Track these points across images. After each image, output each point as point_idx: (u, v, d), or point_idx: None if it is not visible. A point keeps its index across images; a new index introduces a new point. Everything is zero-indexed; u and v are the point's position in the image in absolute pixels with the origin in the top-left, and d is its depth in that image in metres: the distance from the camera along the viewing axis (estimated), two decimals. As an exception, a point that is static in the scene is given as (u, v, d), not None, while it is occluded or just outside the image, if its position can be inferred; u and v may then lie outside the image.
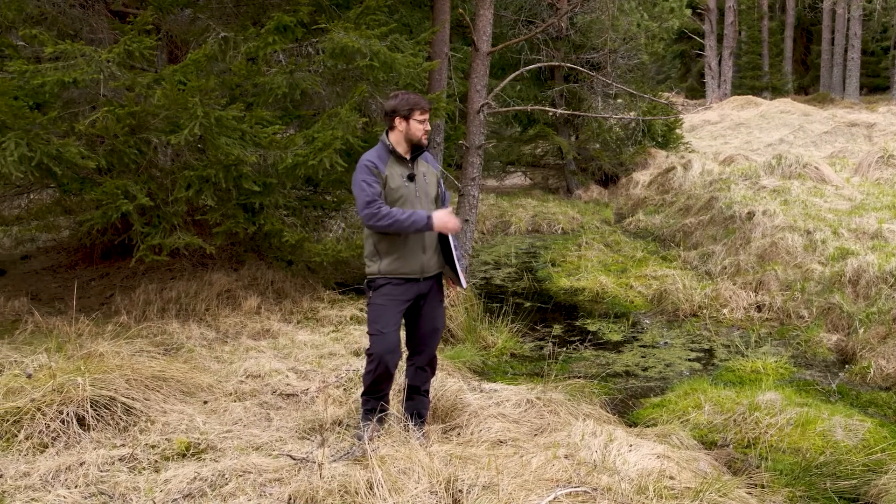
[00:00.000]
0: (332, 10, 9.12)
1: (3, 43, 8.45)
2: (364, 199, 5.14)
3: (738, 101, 37.20)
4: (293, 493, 4.39)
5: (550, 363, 7.89)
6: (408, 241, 5.25)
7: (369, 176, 5.18)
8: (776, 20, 50.78)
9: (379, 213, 5.09)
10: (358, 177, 5.19)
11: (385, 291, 5.28)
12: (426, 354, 5.48)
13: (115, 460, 4.97)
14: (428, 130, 5.30)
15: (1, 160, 7.13)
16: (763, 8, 48.79)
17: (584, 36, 20.81)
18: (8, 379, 6.05)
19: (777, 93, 43.43)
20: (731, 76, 44.54)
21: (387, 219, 5.10)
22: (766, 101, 36.58)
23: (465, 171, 10.78)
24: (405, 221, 5.10)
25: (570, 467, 4.84)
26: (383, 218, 5.10)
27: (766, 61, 47.18)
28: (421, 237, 5.26)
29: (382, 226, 5.12)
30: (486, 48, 10.59)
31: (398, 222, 5.10)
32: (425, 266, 5.31)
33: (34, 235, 12.47)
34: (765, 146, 26.66)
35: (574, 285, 12.18)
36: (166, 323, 8.28)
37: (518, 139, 23.71)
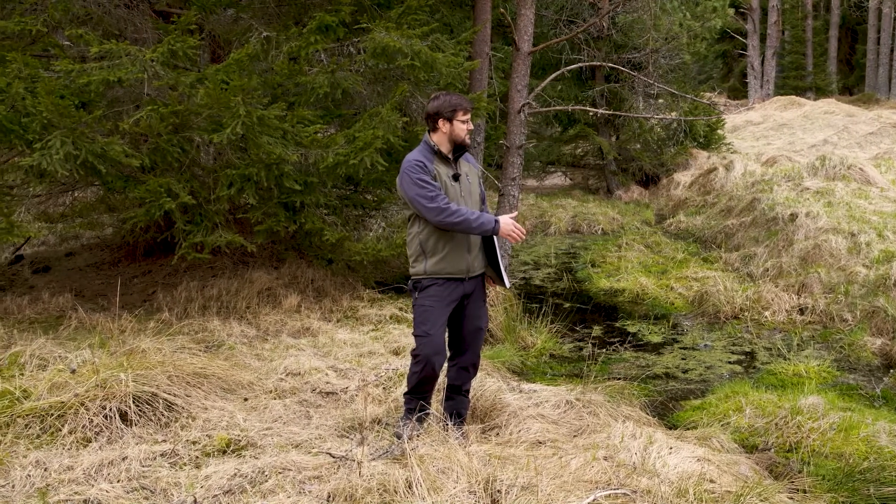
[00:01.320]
0: (373, 9, 9.14)
1: (50, 43, 8.56)
2: (428, 194, 5.09)
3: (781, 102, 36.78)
4: (332, 491, 4.41)
5: (590, 364, 7.86)
6: (454, 240, 5.24)
7: (425, 174, 5.14)
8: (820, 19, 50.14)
9: (448, 210, 5.06)
10: (412, 176, 5.13)
11: (431, 293, 5.26)
12: (470, 354, 5.47)
13: (157, 456, 5.01)
14: (471, 130, 5.31)
15: (47, 158, 7.22)
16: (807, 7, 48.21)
17: (626, 35, 20.69)
18: (52, 374, 6.14)
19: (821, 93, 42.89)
20: (774, 76, 44.09)
21: (456, 216, 5.06)
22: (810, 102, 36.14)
23: (506, 171, 10.76)
24: (474, 222, 5.09)
25: (609, 469, 4.81)
26: (453, 214, 5.06)
27: (810, 61, 46.61)
28: (466, 238, 5.25)
29: (451, 222, 5.07)
30: (528, 48, 10.57)
31: (467, 221, 5.08)
32: (470, 266, 5.30)
33: (78, 233, 12.65)
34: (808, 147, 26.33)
35: (614, 286, 12.13)
36: (207, 320, 8.34)
37: (558, 139, 23.61)
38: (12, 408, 5.57)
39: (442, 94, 5.32)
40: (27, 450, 5.11)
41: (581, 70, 21.73)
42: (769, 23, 43.69)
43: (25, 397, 5.75)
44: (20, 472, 4.78)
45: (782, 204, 13.92)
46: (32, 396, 5.74)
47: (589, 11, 20.19)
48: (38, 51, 8.92)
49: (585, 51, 19.91)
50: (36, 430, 5.36)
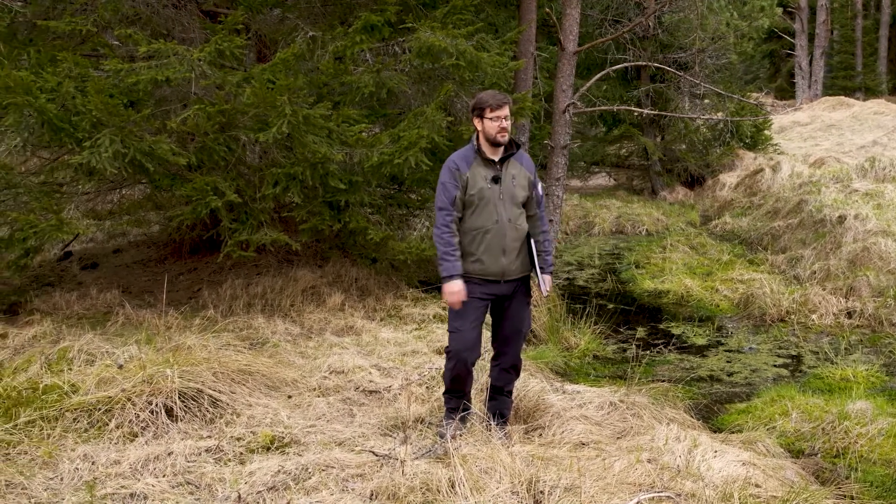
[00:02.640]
0: (418, 9, 9.16)
1: (99, 42, 8.66)
2: (438, 203, 5.27)
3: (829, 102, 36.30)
4: (375, 489, 4.42)
5: (634, 366, 7.81)
6: (486, 243, 5.24)
7: (450, 179, 5.24)
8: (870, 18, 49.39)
9: (441, 228, 5.24)
10: (441, 177, 5.27)
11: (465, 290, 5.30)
12: (510, 356, 5.46)
13: (202, 451, 5.06)
14: (504, 128, 5.19)
15: (96, 156, 7.32)
16: (857, 6, 47.54)
17: (672, 35, 20.56)
18: (100, 369, 6.21)
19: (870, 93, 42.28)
20: (822, 76, 43.52)
21: (438, 239, 5.25)
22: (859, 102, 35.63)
23: (550, 171, 10.73)
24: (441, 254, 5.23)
25: (653, 472, 4.78)
26: (440, 234, 5.24)
27: (860, 61, 45.93)
28: (500, 241, 5.23)
29: (435, 235, 5.27)
30: (573, 48, 10.53)
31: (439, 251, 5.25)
32: (506, 269, 5.28)
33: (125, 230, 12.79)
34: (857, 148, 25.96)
35: (658, 287, 12.04)
36: (252, 318, 8.40)
37: (603, 139, 23.49)
38: (61, 402, 5.65)
39: (479, 94, 5.35)
40: (75, 443, 5.18)
41: (626, 70, 21.60)
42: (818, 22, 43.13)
43: (74, 392, 5.83)
44: (68, 466, 4.86)
45: (830, 206, 13.74)
46: (80, 391, 5.83)
47: (634, 11, 20.07)
48: (88, 50, 9.04)
49: (631, 50, 19.79)
50: (84, 424, 5.44)
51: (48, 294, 9.65)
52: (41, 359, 7.01)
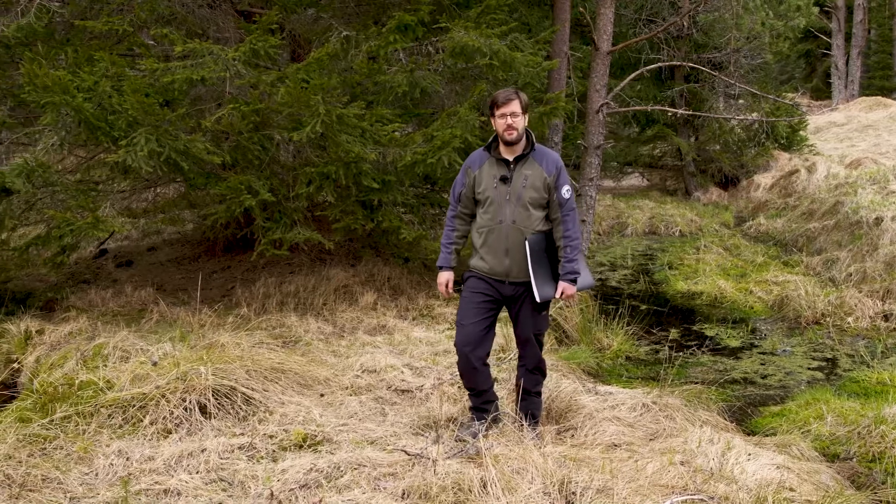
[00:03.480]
0: (452, 9, 9.15)
1: (136, 42, 8.73)
2: (451, 196, 5.53)
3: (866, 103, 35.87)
4: (407, 488, 4.42)
5: (666, 367, 7.77)
6: (488, 243, 5.25)
7: (461, 176, 5.39)
8: (909, 18, 48.85)
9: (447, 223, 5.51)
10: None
11: (469, 284, 5.35)
12: (529, 359, 5.43)
13: (235, 448, 5.09)
14: (510, 125, 5.08)
15: (132, 155, 7.38)
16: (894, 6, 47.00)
17: (707, 35, 20.42)
18: (135, 366, 6.27)
19: (908, 94, 41.78)
20: (859, 76, 43.03)
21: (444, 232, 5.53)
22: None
23: (584, 172, 10.70)
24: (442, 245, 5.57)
25: (686, 474, 4.75)
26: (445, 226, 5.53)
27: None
28: (503, 242, 5.20)
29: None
30: (607, 47, 10.49)
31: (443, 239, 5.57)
32: (510, 271, 5.23)
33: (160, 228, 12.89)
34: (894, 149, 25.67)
35: (691, 289, 11.96)
36: (285, 316, 8.44)
37: (636, 140, 23.37)
38: (96, 398, 5.70)
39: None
40: (110, 439, 5.23)
41: (660, 70, 21.49)
42: (855, 21, 42.65)
43: (109, 388, 5.89)
44: (103, 461, 4.90)
45: (867, 207, 13.59)
46: (115, 387, 5.88)
47: (669, 10, 19.95)
48: (124, 50, 9.12)
49: (665, 50, 19.68)
50: (118, 420, 5.48)
51: (84, 291, 9.75)
52: (77, 355, 7.10)
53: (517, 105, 5.09)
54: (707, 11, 19.62)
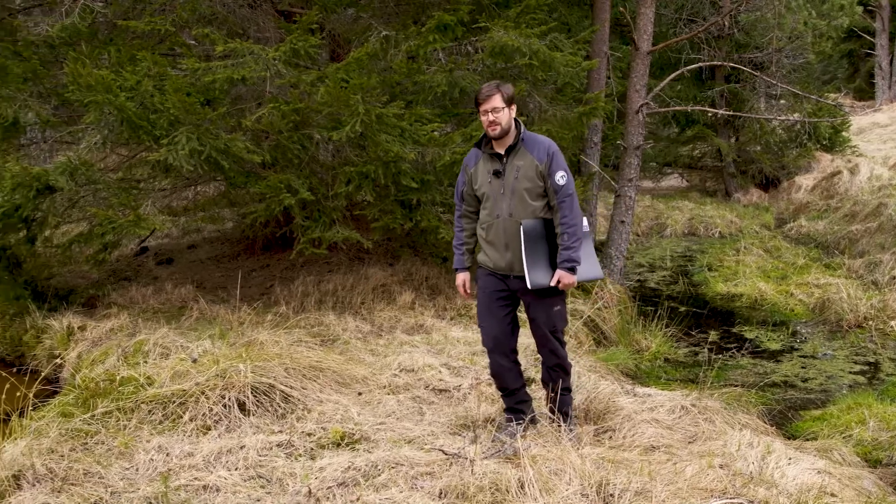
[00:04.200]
0: (492, 8, 9.13)
1: (177, 42, 8.80)
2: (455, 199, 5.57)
3: (910, 104, 35.43)
4: (444, 488, 4.42)
5: (706, 370, 7.72)
6: (486, 238, 5.26)
7: (461, 175, 5.46)
8: (955, 18, 48.08)
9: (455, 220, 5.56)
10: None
11: (481, 283, 5.40)
12: (546, 356, 5.40)
13: (273, 446, 5.11)
14: (492, 121, 5.04)
15: (173, 154, 7.44)
16: (941, 5, 46.31)
17: (748, 34, 20.23)
18: (175, 363, 6.33)
19: (953, 95, 41.12)
20: (903, 77, 42.45)
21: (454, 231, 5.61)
22: (942, 104, 34.70)
23: (623, 172, 10.64)
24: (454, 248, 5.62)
25: (725, 478, 4.70)
26: (454, 228, 5.60)
27: (943, 62, 44.71)
28: (501, 237, 5.17)
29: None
30: (647, 47, 10.43)
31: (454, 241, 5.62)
32: (512, 265, 5.19)
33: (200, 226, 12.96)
34: (939, 151, 25.31)
35: (731, 291, 11.87)
36: (323, 315, 8.47)
37: (675, 140, 23.21)
38: (137, 394, 5.76)
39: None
40: (150, 435, 5.28)
41: (700, 70, 21.32)
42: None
43: (149, 384, 5.95)
44: (143, 457, 4.95)
45: (911, 209, 13.42)
46: (156, 384, 5.94)
47: (710, 10, 19.78)
48: (165, 49, 9.20)
49: (706, 50, 19.54)
50: (158, 416, 5.53)
51: (125, 288, 9.86)
52: (118, 351, 7.18)
53: (498, 100, 5.03)
54: (749, 11, 19.44)
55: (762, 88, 21.02)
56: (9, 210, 8.15)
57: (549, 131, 8.94)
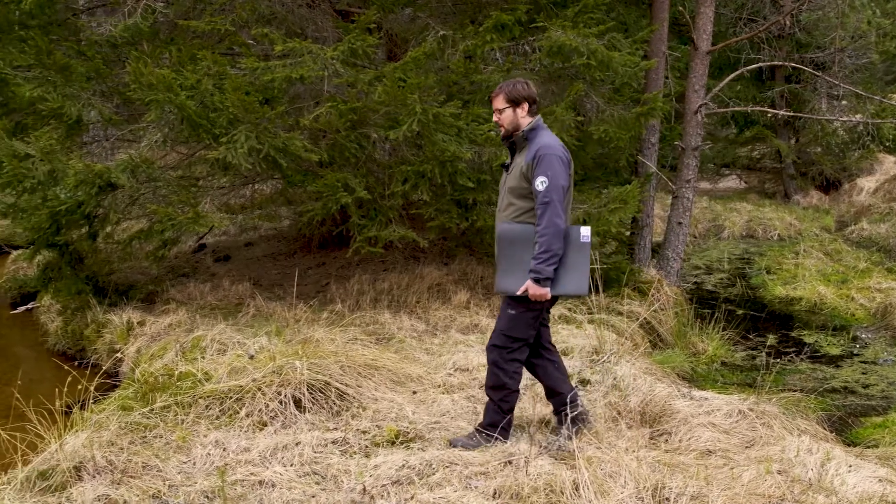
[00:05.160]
0: (549, 8, 9.09)
1: (237, 41, 8.89)
2: None
3: (977, 105, 34.63)
4: (498, 488, 4.42)
5: (763, 374, 7.62)
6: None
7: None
8: None
9: None
10: None
11: None
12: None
13: (328, 443, 5.14)
14: (497, 121, 5.11)
15: (232, 152, 7.52)
16: None
17: (810, 34, 19.95)
18: (232, 359, 6.40)
19: None
20: (970, 77, 41.55)
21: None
22: None
23: (680, 173, 10.55)
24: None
25: (783, 484, 4.64)
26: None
27: None
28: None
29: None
30: (706, 47, 10.32)
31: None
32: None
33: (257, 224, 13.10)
34: None
35: (790, 294, 11.70)
36: (378, 313, 8.50)
37: (734, 141, 22.97)
38: (194, 389, 5.83)
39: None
40: (207, 430, 5.34)
41: (760, 70, 21.08)
42: (966, 21, 41.18)
43: (206, 379, 6.02)
44: (201, 451, 5.01)
45: (977, 213, 13.12)
46: (213, 379, 6.01)
47: (770, 9, 19.54)
48: (225, 49, 9.29)
49: (766, 50, 19.30)
50: (216, 411, 5.60)
51: (183, 284, 9.98)
52: (176, 347, 7.27)
53: (501, 100, 5.05)
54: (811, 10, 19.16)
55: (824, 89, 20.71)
56: (72, 206, 8.29)
57: (607, 131, 8.90)
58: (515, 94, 5.03)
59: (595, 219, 8.90)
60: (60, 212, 8.36)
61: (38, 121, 8.91)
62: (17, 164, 8.07)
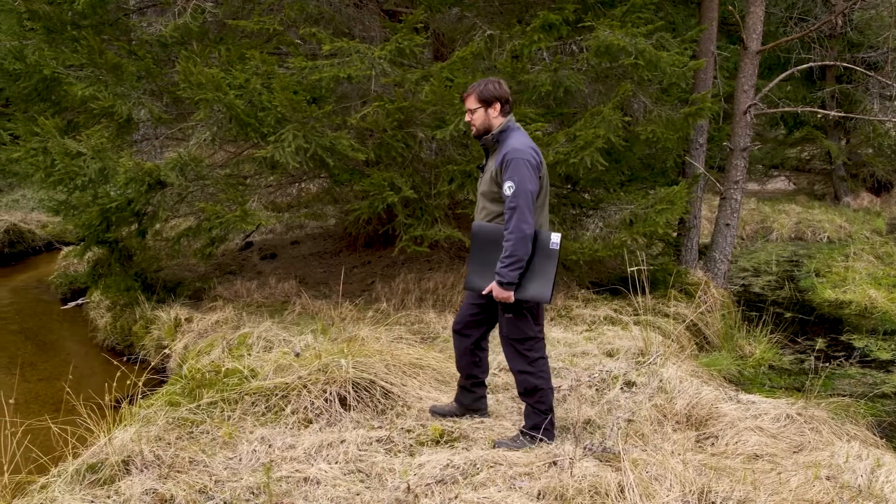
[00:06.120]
0: (597, 7, 9.04)
1: (285, 41, 8.95)
2: None
3: None
4: (543, 489, 4.40)
5: (812, 378, 7.52)
6: None
7: None
8: None
9: None
10: None
11: None
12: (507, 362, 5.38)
13: (373, 441, 5.16)
14: (469, 121, 5.09)
15: (279, 151, 7.57)
16: None
17: (862, 33, 19.68)
18: (278, 356, 6.44)
19: None
20: None
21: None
22: None
23: (728, 174, 10.45)
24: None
25: (832, 490, 4.57)
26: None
27: None
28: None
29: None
30: (756, 47, 10.22)
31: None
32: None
33: (303, 222, 13.21)
34: None
35: (840, 297, 11.54)
36: (423, 312, 8.51)
37: (783, 142, 22.72)
38: (241, 385, 5.89)
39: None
40: (253, 426, 5.39)
41: (811, 70, 20.81)
42: None
43: (253, 376, 6.07)
44: (247, 447, 5.05)
45: None
46: (259, 376, 6.05)
47: (822, 8, 19.30)
48: (273, 48, 9.36)
49: (816, 49, 19.06)
50: (261, 408, 5.64)
51: (230, 282, 10.07)
52: (223, 343, 7.34)
53: (472, 100, 5.03)
54: (863, 9, 18.90)
55: (876, 89, 20.39)
56: (122, 204, 8.40)
57: (654, 132, 8.83)
58: (487, 93, 4.99)
59: (642, 220, 8.85)
60: (111, 209, 8.47)
61: (90, 119, 9.06)
62: (69, 162, 8.19)
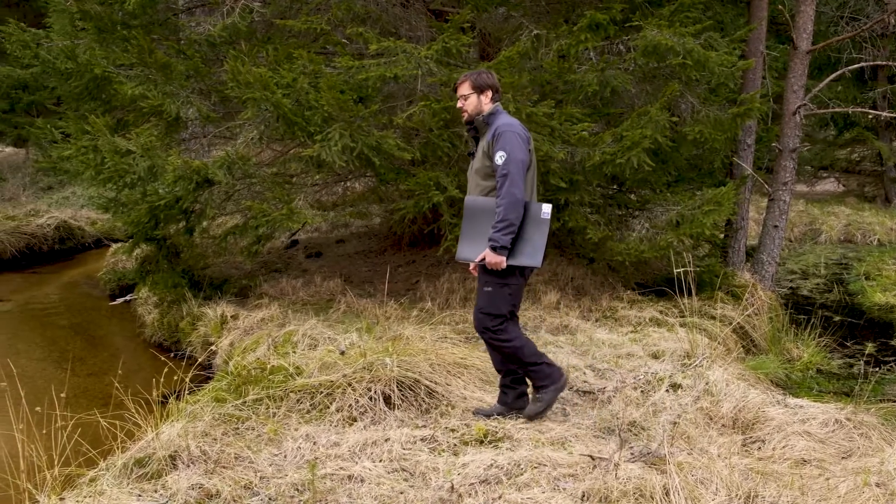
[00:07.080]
0: (645, 7, 8.99)
1: (332, 40, 8.99)
2: None
3: None
4: (587, 490, 4.37)
5: (862, 383, 7.41)
6: None
7: None
8: None
9: None
10: None
11: None
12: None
13: (417, 440, 5.15)
14: (460, 107, 5.39)
15: (326, 150, 7.61)
16: None
17: (915, 33, 19.38)
18: (323, 354, 6.47)
19: None
20: None
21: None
22: None
23: (777, 175, 10.33)
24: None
25: (881, 497, 4.50)
26: None
27: None
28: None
29: None
30: (806, 46, 10.09)
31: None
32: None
33: (348, 221, 13.27)
34: None
35: (890, 301, 11.38)
36: (468, 312, 8.49)
37: (832, 143, 22.45)
38: (286, 383, 5.92)
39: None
40: (298, 423, 5.41)
41: (862, 70, 20.54)
42: None
43: (298, 374, 6.10)
44: (291, 444, 5.07)
45: None
46: (304, 374, 6.09)
47: (874, 7, 19.02)
48: (320, 48, 9.40)
49: (868, 49, 18.79)
50: (306, 405, 5.67)
51: (276, 280, 10.14)
52: (268, 341, 7.39)
53: (466, 87, 5.33)
54: (916, 9, 18.62)
55: (928, 90, 20.11)
56: (170, 201, 8.49)
57: (702, 132, 8.76)
58: (481, 81, 5.33)
59: (688, 221, 8.77)
60: (159, 207, 8.57)
61: (139, 118, 9.16)
62: (119, 160, 8.29)
